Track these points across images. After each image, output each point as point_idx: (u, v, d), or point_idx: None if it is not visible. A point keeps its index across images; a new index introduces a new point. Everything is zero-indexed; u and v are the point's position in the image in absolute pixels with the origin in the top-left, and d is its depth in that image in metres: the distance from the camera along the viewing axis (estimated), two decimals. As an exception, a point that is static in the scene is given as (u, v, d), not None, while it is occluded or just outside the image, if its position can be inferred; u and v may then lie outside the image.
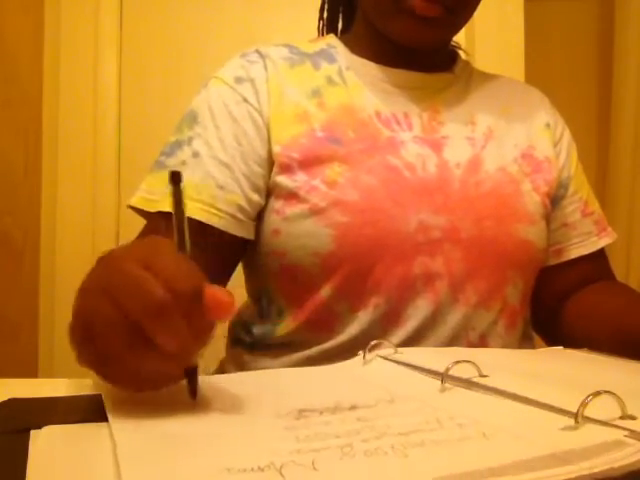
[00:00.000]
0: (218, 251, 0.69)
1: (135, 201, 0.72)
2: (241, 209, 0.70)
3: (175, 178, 0.45)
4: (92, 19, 1.56)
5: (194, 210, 0.67)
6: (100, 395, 0.43)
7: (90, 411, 0.40)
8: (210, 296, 0.38)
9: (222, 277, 0.73)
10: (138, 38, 1.60)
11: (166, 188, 0.68)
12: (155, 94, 1.58)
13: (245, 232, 0.71)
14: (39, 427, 0.36)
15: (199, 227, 0.67)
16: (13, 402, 0.43)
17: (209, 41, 1.58)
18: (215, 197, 0.69)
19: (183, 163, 0.70)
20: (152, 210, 0.69)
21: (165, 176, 0.69)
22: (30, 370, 1.51)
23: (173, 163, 0.71)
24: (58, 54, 1.55)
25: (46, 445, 0.34)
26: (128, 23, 1.60)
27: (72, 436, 0.36)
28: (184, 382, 0.41)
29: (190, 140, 0.71)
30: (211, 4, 1.60)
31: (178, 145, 0.72)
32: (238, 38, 1.56)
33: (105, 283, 0.39)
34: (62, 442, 0.35)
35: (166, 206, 0.68)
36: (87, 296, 0.41)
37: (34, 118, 1.54)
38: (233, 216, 0.69)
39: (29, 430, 0.36)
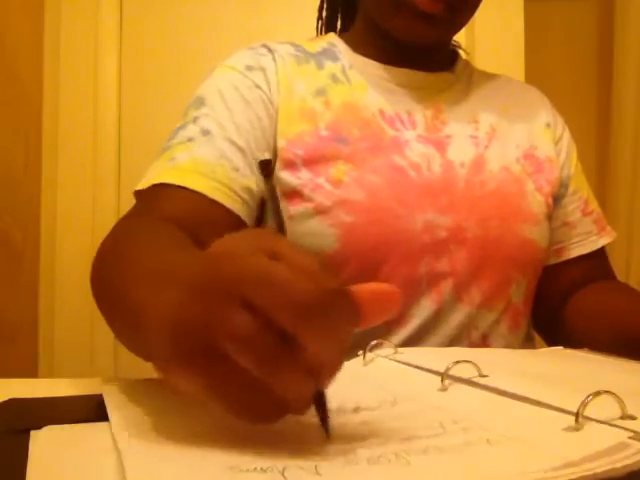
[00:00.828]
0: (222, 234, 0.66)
1: (141, 186, 0.68)
2: (252, 194, 0.68)
3: (265, 167, 0.44)
4: (92, 19, 1.56)
5: (210, 189, 0.65)
6: (100, 395, 0.43)
7: (90, 411, 0.40)
8: (369, 292, 0.31)
9: None
10: (138, 38, 1.60)
11: (169, 161, 0.65)
12: (155, 94, 1.58)
13: (250, 219, 0.70)
14: (39, 427, 0.36)
15: (209, 207, 0.65)
16: (13, 402, 0.43)
17: (209, 41, 1.58)
18: (231, 179, 0.67)
19: (190, 139, 0.68)
20: (149, 185, 0.67)
21: (169, 155, 0.67)
22: (30, 370, 1.51)
23: (177, 141, 0.68)
24: (58, 54, 1.55)
25: (46, 445, 0.34)
26: (128, 23, 1.60)
27: (72, 436, 0.36)
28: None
29: (196, 119, 0.69)
30: (211, 4, 1.60)
31: (183, 127, 0.70)
32: (238, 38, 1.55)
33: (224, 283, 0.30)
34: (62, 442, 0.34)
35: (164, 178, 0.65)
36: (192, 303, 0.31)
37: (34, 118, 1.54)
38: (245, 201, 0.68)
39: (29, 430, 0.36)
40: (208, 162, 0.66)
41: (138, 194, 0.69)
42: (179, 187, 0.64)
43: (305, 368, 0.30)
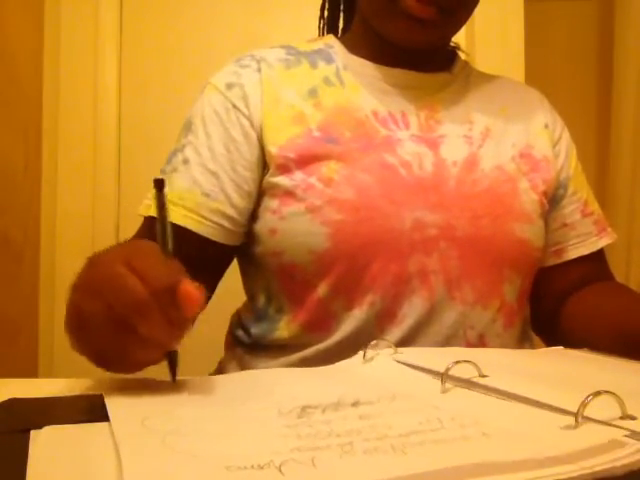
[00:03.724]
0: (203, 257, 0.69)
1: (142, 210, 0.74)
2: (226, 217, 0.71)
3: (158, 184, 0.48)
4: (92, 19, 1.56)
5: (177, 216, 0.69)
6: (100, 395, 0.43)
7: (90, 411, 0.40)
8: (182, 292, 0.42)
9: (210, 281, 0.73)
10: (138, 38, 1.60)
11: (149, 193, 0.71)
12: (155, 94, 1.58)
13: (230, 239, 0.72)
14: (39, 427, 0.36)
15: (183, 234, 0.68)
16: (13, 402, 0.43)
17: (209, 41, 1.58)
18: (199, 204, 0.70)
19: (175, 170, 0.72)
20: (145, 215, 0.73)
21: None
22: (30, 370, 1.51)
23: (169, 170, 0.73)
24: (58, 54, 1.55)
25: (46, 445, 0.34)
26: (128, 23, 1.60)
27: (72, 436, 0.36)
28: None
29: (183, 147, 0.73)
30: (211, 4, 1.60)
31: (174, 154, 0.74)
32: (238, 38, 1.56)
33: (94, 283, 0.45)
34: (62, 442, 0.35)
35: (151, 210, 0.71)
36: (79, 294, 0.47)
37: (34, 118, 1.54)
38: (217, 223, 0.70)
39: (29, 430, 0.36)
40: (180, 190, 0.71)
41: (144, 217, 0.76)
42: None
43: (140, 340, 0.42)
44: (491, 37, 1.53)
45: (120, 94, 1.59)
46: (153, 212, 0.70)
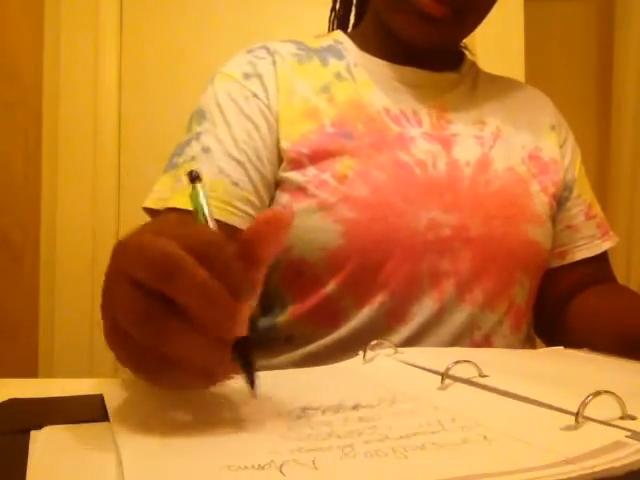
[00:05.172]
0: None
1: (149, 202, 0.71)
2: (253, 206, 0.69)
3: (193, 177, 0.41)
4: (92, 19, 1.56)
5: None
6: (100, 395, 0.43)
7: (90, 411, 0.40)
8: (259, 222, 0.34)
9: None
10: (138, 38, 1.60)
11: (177, 182, 0.68)
12: (155, 94, 1.58)
13: None
14: (39, 427, 0.36)
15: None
16: (13, 402, 0.43)
17: (209, 41, 1.58)
18: (230, 194, 0.68)
19: (192, 158, 0.69)
20: (162, 208, 0.69)
21: (176, 174, 0.69)
22: (30, 370, 1.51)
23: (183, 160, 0.70)
24: (58, 54, 1.55)
25: (46, 445, 0.34)
26: (128, 23, 1.60)
27: (72, 436, 0.36)
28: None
29: (198, 135, 0.71)
30: (211, 4, 1.60)
31: (187, 143, 0.71)
32: (238, 38, 1.56)
33: (117, 262, 0.34)
34: (62, 442, 0.34)
35: (175, 202, 0.67)
36: (105, 285, 0.36)
37: (34, 118, 1.54)
38: (247, 213, 0.68)
39: (29, 430, 0.36)
40: (207, 181, 0.67)
41: (150, 212, 0.70)
42: (184, 209, 0.65)
43: (196, 328, 0.31)
44: (491, 37, 1.53)
45: (120, 94, 1.59)
46: (173, 204, 0.64)
